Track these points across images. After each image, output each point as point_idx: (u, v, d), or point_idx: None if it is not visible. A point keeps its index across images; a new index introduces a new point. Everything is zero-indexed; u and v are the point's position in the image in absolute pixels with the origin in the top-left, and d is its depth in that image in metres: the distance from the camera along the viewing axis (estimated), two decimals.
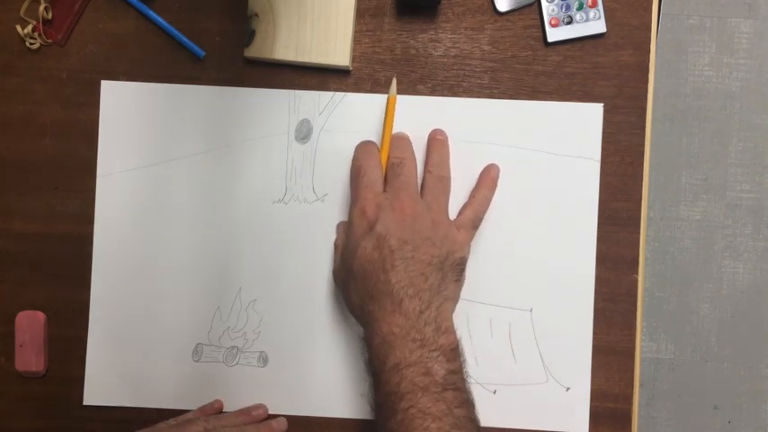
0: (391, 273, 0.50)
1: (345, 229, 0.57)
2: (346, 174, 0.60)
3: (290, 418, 0.60)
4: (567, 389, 0.59)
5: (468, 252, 0.56)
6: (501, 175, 0.59)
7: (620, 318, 0.59)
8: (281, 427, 0.59)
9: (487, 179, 0.59)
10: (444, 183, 0.57)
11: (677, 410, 1.27)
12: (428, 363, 0.47)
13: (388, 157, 0.57)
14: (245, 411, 0.59)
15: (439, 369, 0.47)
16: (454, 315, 0.55)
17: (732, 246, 1.28)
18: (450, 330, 0.50)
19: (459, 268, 0.55)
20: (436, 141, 0.58)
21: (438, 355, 0.48)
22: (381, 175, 0.55)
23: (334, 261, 0.59)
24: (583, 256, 0.60)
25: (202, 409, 0.59)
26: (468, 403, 0.48)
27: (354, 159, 0.57)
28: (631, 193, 0.60)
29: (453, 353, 0.49)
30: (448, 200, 0.57)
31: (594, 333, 0.59)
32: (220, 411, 0.60)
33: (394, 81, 0.58)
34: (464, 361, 0.51)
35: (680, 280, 1.28)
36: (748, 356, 1.27)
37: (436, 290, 0.51)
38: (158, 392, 0.60)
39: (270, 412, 0.60)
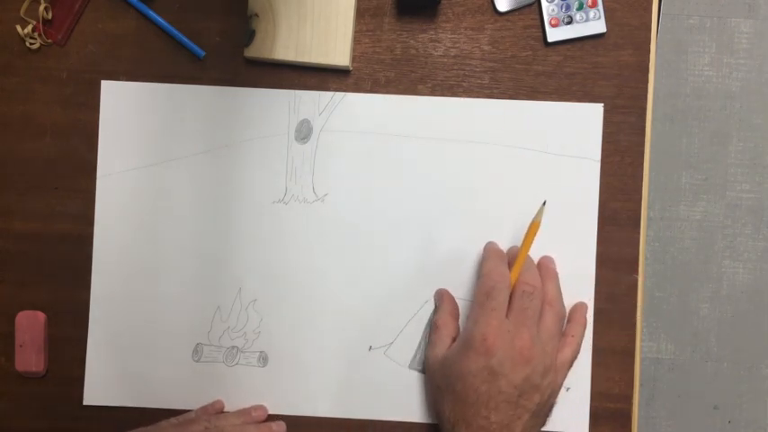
0: (494, 412, 0.51)
1: (459, 337, 0.55)
2: (347, 174, 0.60)
3: (289, 418, 0.60)
4: (567, 389, 0.59)
5: None
6: (501, 175, 0.60)
7: (620, 318, 0.59)
8: (280, 429, 0.59)
9: (581, 317, 0.58)
10: (561, 323, 0.57)
11: (677, 410, 1.27)
12: None
13: (520, 280, 0.55)
14: (245, 412, 0.59)
15: None
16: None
17: (732, 246, 1.28)
18: None
19: (549, 412, 0.56)
20: (551, 271, 0.58)
21: None
22: (508, 298, 0.54)
23: (434, 348, 0.57)
24: (583, 256, 0.60)
25: (204, 409, 0.59)
26: None
27: (486, 275, 0.55)
28: (631, 193, 0.60)
29: None
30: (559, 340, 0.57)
31: (594, 333, 0.59)
32: (221, 412, 0.60)
33: (543, 208, 0.56)
34: None
35: (680, 280, 1.28)
36: (748, 356, 1.27)
37: None
38: (158, 392, 0.60)
39: (270, 412, 0.60)
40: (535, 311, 0.54)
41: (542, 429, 0.58)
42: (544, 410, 0.55)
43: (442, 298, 0.59)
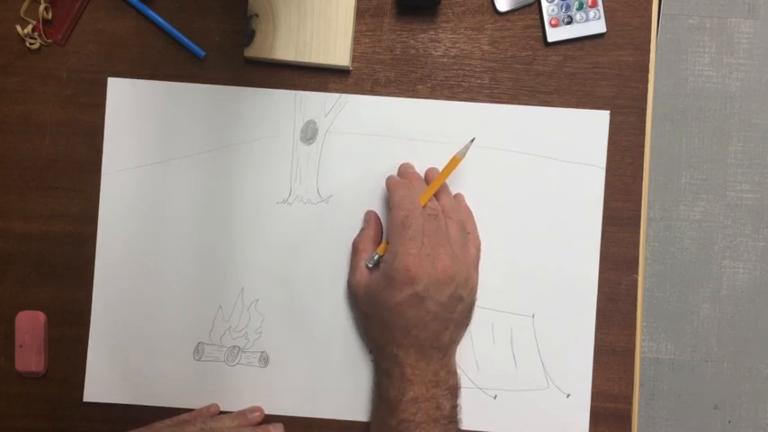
0: (423, 331, 0.54)
1: (382, 269, 0.55)
2: (351, 176, 0.60)
3: (290, 418, 0.60)
4: (568, 395, 0.59)
5: None
6: (507, 180, 0.60)
7: (620, 318, 0.59)
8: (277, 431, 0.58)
9: (466, 210, 0.59)
10: (462, 227, 0.57)
11: (677, 410, 1.27)
12: (440, 399, 0.54)
13: (424, 205, 0.56)
14: (241, 414, 0.59)
15: (446, 404, 0.54)
16: None
17: (732, 246, 1.28)
18: (456, 372, 0.57)
19: (471, 313, 0.59)
20: (442, 186, 0.58)
21: (447, 393, 0.54)
22: (423, 226, 0.55)
23: (355, 273, 0.58)
24: (586, 264, 0.59)
25: (199, 412, 0.59)
26: None
27: (398, 205, 0.55)
28: (631, 193, 0.60)
29: (457, 391, 0.56)
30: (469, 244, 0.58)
31: (595, 333, 0.59)
32: (217, 414, 0.59)
33: (470, 144, 0.57)
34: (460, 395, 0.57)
35: (680, 280, 1.28)
36: (748, 356, 1.27)
37: (454, 339, 0.57)
38: (159, 391, 0.60)
39: (270, 413, 0.60)
40: (444, 230, 0.56)
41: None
42: (468, 315, 0.58)
43: (368, 221, 0.59)
